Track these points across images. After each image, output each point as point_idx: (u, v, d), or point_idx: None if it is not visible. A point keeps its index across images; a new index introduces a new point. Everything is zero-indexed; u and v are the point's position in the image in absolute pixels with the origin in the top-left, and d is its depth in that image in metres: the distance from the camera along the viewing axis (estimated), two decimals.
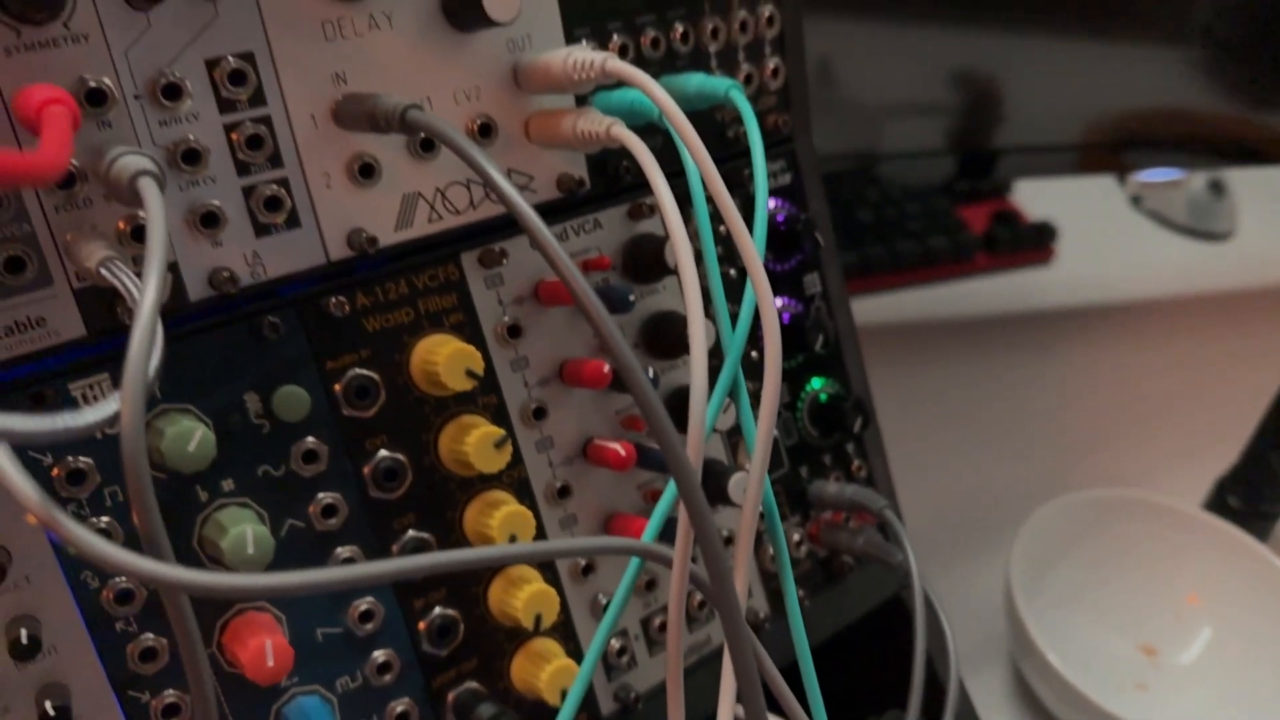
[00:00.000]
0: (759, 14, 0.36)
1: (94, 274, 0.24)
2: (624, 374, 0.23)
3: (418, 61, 0.30)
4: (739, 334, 0.28)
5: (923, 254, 0.80)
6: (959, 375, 0.75)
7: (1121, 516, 0.57)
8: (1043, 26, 0.68)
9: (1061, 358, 0.78)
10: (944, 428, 0.69)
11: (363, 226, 0.30)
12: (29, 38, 0.24)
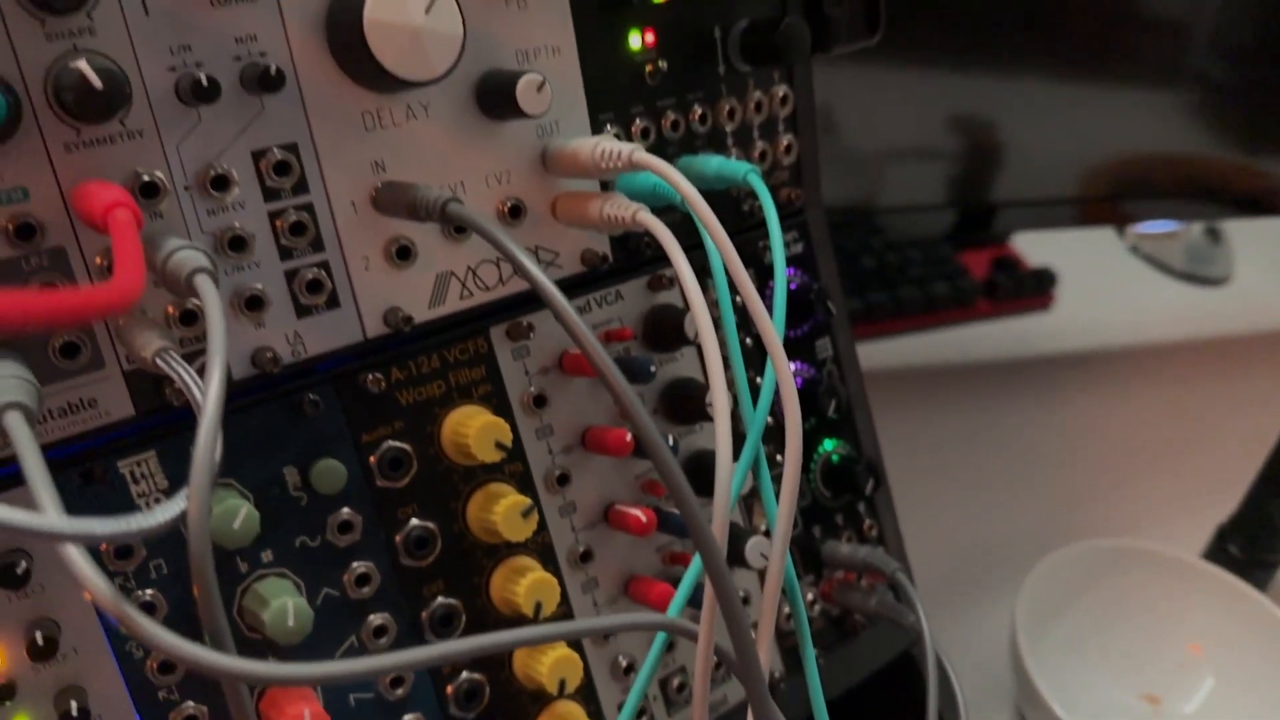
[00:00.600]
0: (773, 94, 0.38)
1: (149, 363, 0.25)
2: (647, 447, 0.24)
3: (453, 148, 0.31)
4: (760, 413, 0.29)
5: (925, 300, 0.82)
6: (961, 420, 0.76)
7: (1124, 566, 0.58)
8: (1038, 69, 0.70)
9: (1062, 403, 0.79)
10: (946, 473, 0.70)
11: (399, 305, 0.31)
12: (88, 135, 0.26)
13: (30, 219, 0.25)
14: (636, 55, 0.34)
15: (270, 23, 0.28)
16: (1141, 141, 0.74)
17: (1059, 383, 0.81)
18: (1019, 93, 0.70)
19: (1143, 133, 0.73)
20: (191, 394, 0.23)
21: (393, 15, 0.27)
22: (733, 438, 0.27)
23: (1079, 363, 0.84)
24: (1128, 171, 0.75)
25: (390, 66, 0.27)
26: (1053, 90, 0.70)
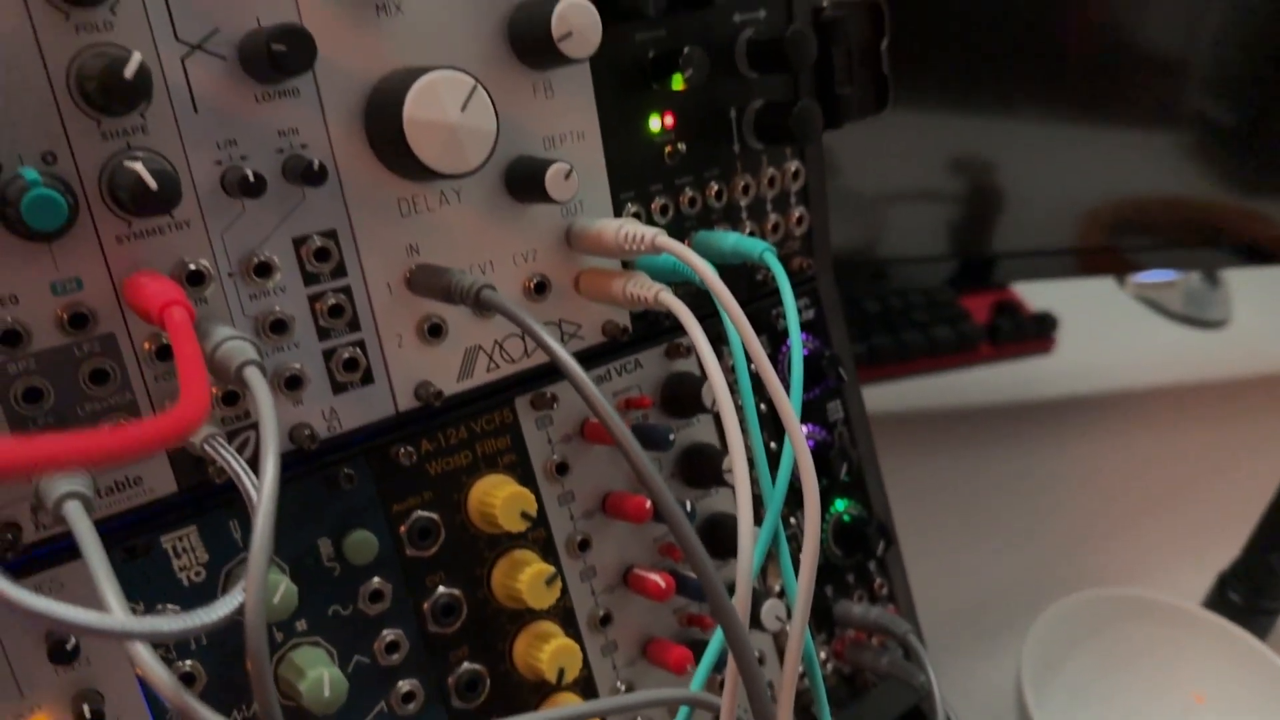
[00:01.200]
0: (785, 169, 0.39)
1: (196, 448, 0.26)
2: (669, 521, 0.26)
3: (482, 230, 0.33)
4: (778, 490, 0.30)
5: (928, 344, 0.83)
6: (964, 463, 0.77)
7: (1126, 615, 0.59)
8: (1035, 114, 0.71)
9: (1064, 446, 0.80)
10: (949, 516, 0.71)
11: (430, 379, 0.32)
12: (139, 227, 0.27)
13: (83, 308, 0.27)
14: (656, 137, 0.36)
15: (312, 116, 0.29)
16: (1140, 185, 0.75)
17: (1060, 426, 0.83)
18: (1016, 140, 0.72)
19: (1141, 176, 0.75)
20: (245, 488, 0.24)
21: (431, 113, 0.28)
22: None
23: (1080, 406, 0.85)
24: (1126, 216, 0.77)
25: (429, 162, 0.28)
26: (1050, 135, 0.72)
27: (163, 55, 0.26)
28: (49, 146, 0.26)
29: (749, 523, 0.28)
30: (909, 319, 0.85)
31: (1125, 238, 0.76)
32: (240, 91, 0.28)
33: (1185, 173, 0.75)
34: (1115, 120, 0.73)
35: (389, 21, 0.30)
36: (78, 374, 0.27)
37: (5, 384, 0.26)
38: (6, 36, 0.25)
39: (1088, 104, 0.72)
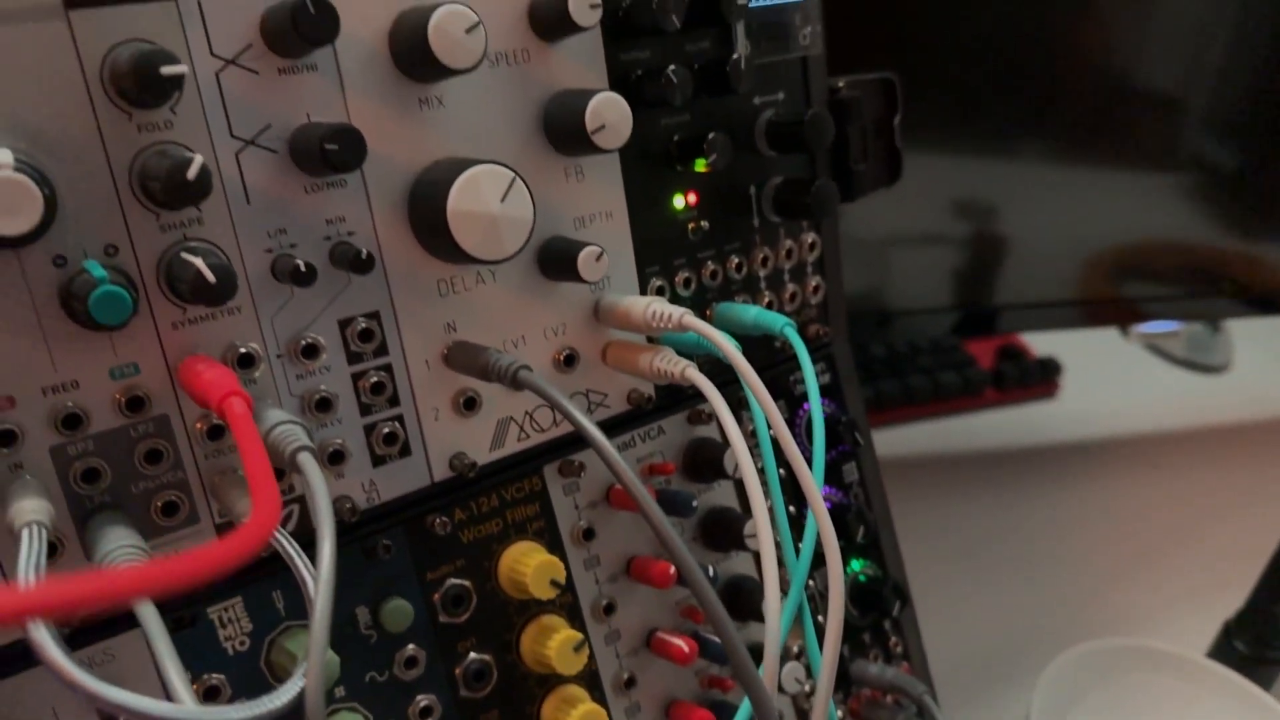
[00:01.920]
0: (802, 241, 0.41)
1: None
2: (694, 588, 0.27)
3: (515, 307, 0.34)
4: (803, 562, 0.31)
5: (934, 388, 0.84)
6: (969, 509, 0.78)
7: (1134, 666, 0.60)
8: (1036, 159, 0.73)
9: (1069, 491, 0.81)
10: (955, 561, 0.72)
11: (464, 450, 0.34)
12: (193, 314, 0.28)
13: (140, 391, 0.28)
14: (680, 214, 0.37)
15: (358, 204, 0.30)
16: (1141, 230, 0.76)
17: (1065, 471, 0.84)
18: (1017, 184, 0.73)
19: (1142, 220, 0.76)
20: (301, 575, 0.25)
21: (473, 205, 0.29)
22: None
23: (1084, 451, 0.86)
24: (1129, 262, 0.78)
25: (470, 250, 0.30)
26: (1052, 179, 0.74)
27: (218, 150, 0.28)
28: (111, 239, 0.27)
29: (776, 598, 0.29)
30: (915, 364, 0.86)
31: (1128, 286, 0.78)
32: (290, 183, 0.29)
33: (1187, 217, 0.77)
34: (1116, 163, 0.74)
35: (431, 114, 0.31)
36: (133, 454, 0.28)
37: (65, 465, 0.27)
38: (74, 137, 0.26)
39: (1088, 147, 0.73)
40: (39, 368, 0.27)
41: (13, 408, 0.26)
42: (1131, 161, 0.75)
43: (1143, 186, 0.75)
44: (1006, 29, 0.67)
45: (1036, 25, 0.68)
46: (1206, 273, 0.79)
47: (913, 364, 0.86)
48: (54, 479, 0.27)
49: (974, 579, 0.71)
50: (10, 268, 0.26)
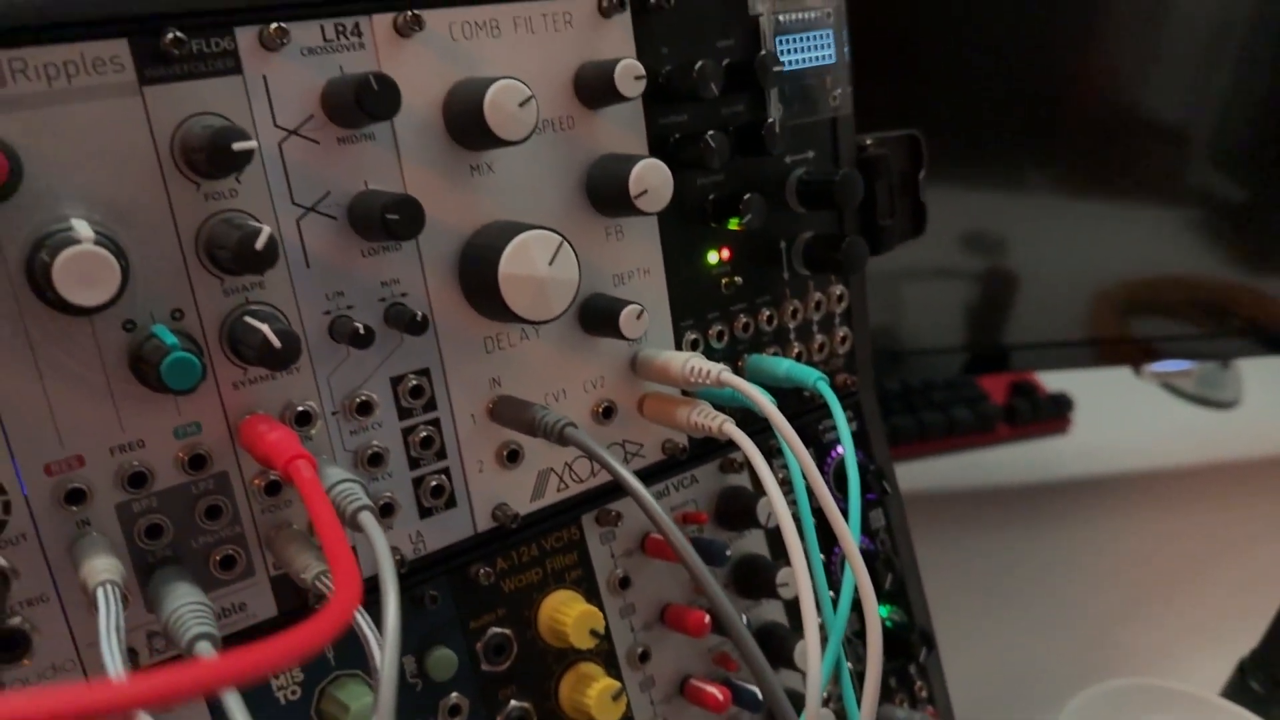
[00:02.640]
0: (830, 293, 0.42)
1: (308, 585, 0.28)
2: (735, 637, 0.28)
3: (556, 362, 0.35)
4: (840, 615, 0.32)
5: (947, 424, 0.85)
6: (982, 545, 0.79)
7: (1150, 706, 0.60)
8: (1044, 186, 0.74)
9: (1083, 527, 0.81)
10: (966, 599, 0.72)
11: (506, 501, 0.35)
12: (253, 374, 0.29)
13: (201, 449, 0.29)
14: (714, 269, 0.38)
15: (411, 267, 0.31)
16: (1151, 264, 0.77)
17: (1077, 506, 0.84)
18: (1026, 219, 0.74)
19: (1151, 255, 0.77)
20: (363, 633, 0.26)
21: (523, 269, 0.30)
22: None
23: (1096, 486, 0.87)
24: (1139, 298, 0.79)
25: (520, 312, 0.31)
26: (1060, 217, 0.75)
27: (280, 217, 0.29)
28: (178, 304, 0.28)
29: (817, 648, 0.30)
30: (929, 399, 0.87)
31: (1139, 324, 0.79)
32: (348, 247, 0.30)
33: (1195, 253, 0.78)
34: (1124, 198, 0.75)
35: (481, 179, 0.32)
36: (194, 511, 0.29)
37: (130, 522, 0.28)
38: (145, 206, 0.27)
39: (1095, 182, 0.75)
40: (107, 428, 0.27)
41: (82, 466, 0.27)
42: (1139, 196, 0.76)
43: (1151, 221, 0.76)
44: (1012, 61, 0.69)
45: (1043, 58, 0.69)
46: (1216, 309, 0.80)
47: (926, 399, 0.87)
48: (119, 535, 0.28)
49: (988, 615, 0.71)
50: (83, 333, 0.27)
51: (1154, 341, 0.80)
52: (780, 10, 0.37)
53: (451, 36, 0.31)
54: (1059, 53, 0.70)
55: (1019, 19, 0.67)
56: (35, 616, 0.27)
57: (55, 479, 0.27)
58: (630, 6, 0.34)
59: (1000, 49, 0.68)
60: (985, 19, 0.67)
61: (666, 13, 0.35)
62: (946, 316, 0.77)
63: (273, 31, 0.28)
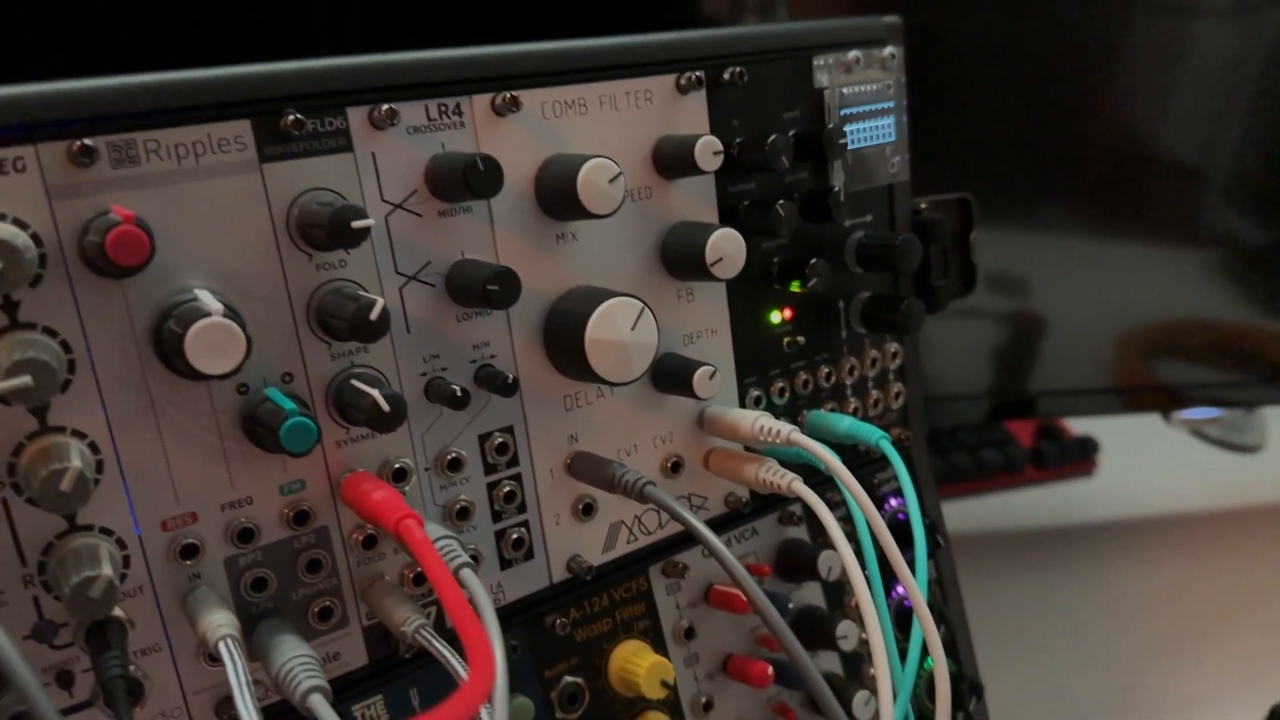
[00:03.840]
0: (885, 350, 0.43)
1: (407, 636, 0.29)
2: (811, 685, 0.29)
3: (629, 419, 0.36)
4: (909, 670, 0.33)
5: (976, 466, 0.86)
6: (1010, 586, 0.79)
7: None
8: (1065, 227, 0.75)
9: (1109, 570, 0.82)
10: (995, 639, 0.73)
11: (580, 553, 0.36)
12: (355, 433, 0.31)
13: (305, 505, 0.30)
14: (777, 329, 0.40)
15: (500, 331, 0.33)
16: (1172, 309, 0.78)
17: (1104, 549, 0.85)
18: (1048, 262, 0.76)
19: (1172, 299, 0.78)
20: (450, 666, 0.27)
21: (607, 334, 0.32)
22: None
23: (1122, 530, 0.87)
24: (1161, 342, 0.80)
25: (603, 374, 0.32)
26: (1082, 260, 0.76)
27: (384, 285, 0.31)
28: (288, 368, 0.29)
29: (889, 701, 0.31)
30: (958, 441, 0.88)
31: (1163, 369, 0.80)
32: (445, 312, 0.32)
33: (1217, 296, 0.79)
34: (1144, 241, 0.77)
35: (566, 247, 0.34)
36: (296, 564, 0.30)
37: (236, 575, 0.29)
38: (261, 276, 0.29)
39: (1116, 223, 0.76)
40: (219, 486, 0.29)
41: (195, 523, 0.29)
42: (1159, 239, 0.77)
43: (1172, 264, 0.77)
44: (1032, 104, 0.70)
45: (1062, 100, 0.71)
46: (1240, 354, 0.81)
47: (955, 441, 0.88)
48: (226, 588, 0.29)
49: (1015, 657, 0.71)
50: (200, 396, 0.28)
51: (1179, 389, 0.81)
52: (844, 84, 0.39)
53: (543, 115, 0.33)
54: (1078, 95, 0.71)
55: (1039, 62, 0.69)
56: (148, 666, 0.29)
57: (170, 534, 0.28)
58: (706, 83, 0.36)
59: (1020, 92, 0.70)
60: (1005, 62, 0.69)
61: (738, 88, 0.36)
62: (973, 362, 0.78)
63: (383, 112, 0.30)
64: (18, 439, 0.26)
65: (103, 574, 0.26)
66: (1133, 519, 0.90)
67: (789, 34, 0.38)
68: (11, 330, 0.26)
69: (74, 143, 0.26)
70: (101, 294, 0.27)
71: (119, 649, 0.27)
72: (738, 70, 0.36)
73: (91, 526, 0.27)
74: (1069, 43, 0.69)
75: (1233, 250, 0.77)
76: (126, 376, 0.27)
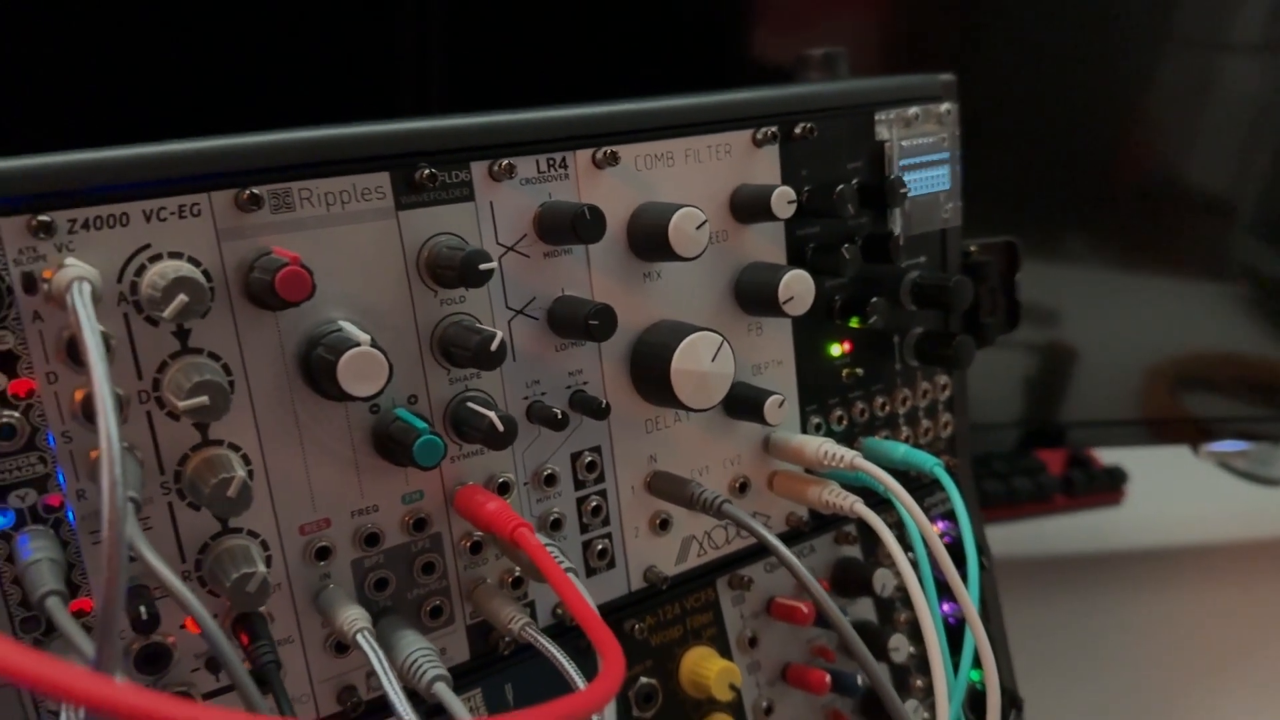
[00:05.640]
0: (936, 382, 0.46)
1: (515, 634, 0.33)
2: (879, 689, 0.32)
3: (702, 441, 0.40)
4: (961, 678, 0.36)
5: (1008, 493, 0.89)
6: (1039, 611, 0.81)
7: None
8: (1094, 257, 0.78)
9: (1137, 597, 0.84)
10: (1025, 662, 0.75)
11: (655, 564, 0.39)
12: (466, 449, 0.34)
13: (423, 513, 0.34)
14: (836, 361, 0.43)
15: (592, 359, 0.36)
16: (1200, 342, 0.81)
17: (1132, 577, 0.87)
18: (1077, 300, 0.78)
19: (1199, 333, 0.80)
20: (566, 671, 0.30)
21: (691, 364, 0.35)
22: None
23: (1149, 559, 0.89)
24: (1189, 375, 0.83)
25: (685, 401, 0.35)
26: (1111, 292, 0.78)
27: (496, 318, 0.34)
28: (413, 390, 0.33)
29: (945, 704, 0.34)
30: (990, 469, 0.91)
31: (1191, 402, 0.82)
32: (545, 343, 0.35)
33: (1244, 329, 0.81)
34: (1171, 273, 0.79)
35: (651, 284, 0.37)
36: (413, 566, 0.34)
37: (361, 576, 0.33)
38: (394, 309, 0.32)
39: (1144, 256, 0.78)
40: (350, 495, 0.32)
41: (329, 527, 0.32)
42: (1187, 272, 0.79)
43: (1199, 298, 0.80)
44: (1061, 135, 0.73)
45: (1091, 132, 0.73)
46: (1266, 388, 0.83)
47: (988, 469, 0.91)
48: (351, 587, 0.33)
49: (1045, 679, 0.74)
50: (338, 415, 0.32)
51: (1207, 422, 0.83)
52: (903, 137, 0.42)
53: (636, 167, 0.36)
54: (1108, 131, 0.74)
55: (1068, 99, 0.72)
56: (282, 656, 0.32)
57: (307, 538, 0.32)
58: (779, 137, 0.39)
59: (1051, 129, 0.72)
60: (1034, 93, 0.71)
61: (809, 141, 0.40)
62: (1005, 392, 0.81)
63: (502, 166, 0.33)
64: (183, 450, 0.30)
65: (259, 570, 0.29)
66: (1160, 548, 0.92)
67: (853, 92, 0.42)
68: (183, 354, 0.29)
69: (242, 191, 0.29)
70: (258, 324, 0.30)
71: (266, 637, 0.30)
72: (808, 126, 0.39)
73: (240, 529, 0.31)
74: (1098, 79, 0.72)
75: (1261, 285, 0.80)
76: (276, 397, 0.31)
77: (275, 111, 0.44)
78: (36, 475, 0.28)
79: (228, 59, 0.55)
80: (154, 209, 0.29)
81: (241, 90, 0.54)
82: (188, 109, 0.52)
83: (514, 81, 0.59)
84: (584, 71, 0.61)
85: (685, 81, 0.43)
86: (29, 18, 0.50)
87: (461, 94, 0.59)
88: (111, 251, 0.28)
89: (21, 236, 0.27)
